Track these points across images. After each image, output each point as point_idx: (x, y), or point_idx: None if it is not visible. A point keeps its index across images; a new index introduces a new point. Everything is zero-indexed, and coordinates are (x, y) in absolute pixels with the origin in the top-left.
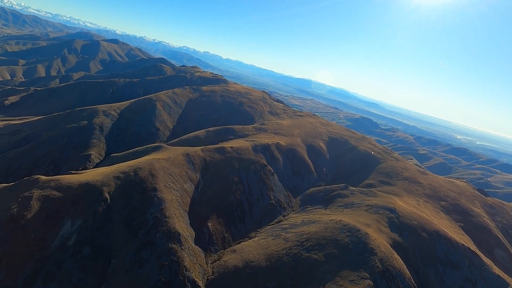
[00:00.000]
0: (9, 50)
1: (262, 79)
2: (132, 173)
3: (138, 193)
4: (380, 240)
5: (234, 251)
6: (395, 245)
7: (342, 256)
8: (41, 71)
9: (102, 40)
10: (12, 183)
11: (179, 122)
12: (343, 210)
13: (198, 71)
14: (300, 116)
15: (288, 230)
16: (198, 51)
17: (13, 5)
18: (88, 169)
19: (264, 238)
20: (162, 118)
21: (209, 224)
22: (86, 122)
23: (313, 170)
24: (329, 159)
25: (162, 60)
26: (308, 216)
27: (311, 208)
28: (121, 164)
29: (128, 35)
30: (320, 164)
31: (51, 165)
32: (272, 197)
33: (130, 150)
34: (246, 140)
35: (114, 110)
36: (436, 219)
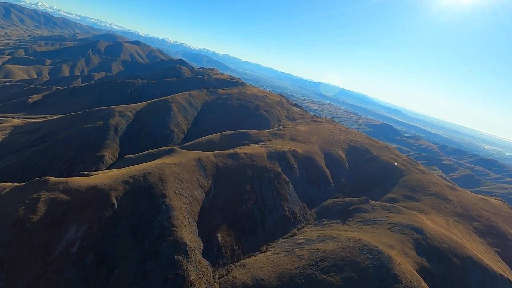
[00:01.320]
0: (38, 50)
1: (280, 82)
2: (141, 178)
3: (146, 199)
4: (405, 265)
5: (244, 266)
6: (422, 272)
7: (362, 282)
8: (66, 70)
9: (125, 42)
10: (23, 183)
11: (194, 125)
12: (363, 227)
13: (216, 73)
14: (318, 121)
15: (302, 246)
16: (217, 54)
17: (46, 8)
18: (101, 170)
19: (276, 254)
20: (177, 120)
21: (218, 235)
22: (102, 122)
23: (331, 180)
24: (348, 169)
25: (181, 62)
26: (324, 232)
27: (328, 222)
28: (131, 168)
29: (150, 37)
30: (339, 174)
31: (65, 165)
32: (286, 208)
33: (143, 152)
34: (261, 146)
35: (130, 111)
36: (469, 243)
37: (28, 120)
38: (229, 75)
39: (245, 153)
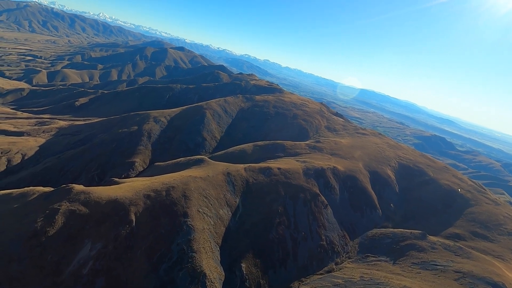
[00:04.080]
0: (93, 56)
1: (321, 89)
2: (164, 193)
3: (166, 217)
4: None
5: None
6: None
7: None
8: (114, 75)
9: (170, 48)
10: (50, 190)
11: (227, 133)
12: (420, 272)
13: (254, 79)
14: (363, 134)
15: None
16: (258, 59)
17: (106, 18)
18: (130, 177)
19: None
20: (210, 127)
21: (243, 264)
22: (136, 127)
23: (377, 205)
24: (399, 193)
25: (221, 67)
26: (369, 271)
27: (374, 258)
28: (155, 179)
29: (196, 43)
30: (387, 198)
31: (98, 169)
32: (323, 237)
33: (172, 161)
34: (297, 160)
35: (165, 116)
36: None
37: (73, 122)
38: (267, 81)
39: (279, 169)
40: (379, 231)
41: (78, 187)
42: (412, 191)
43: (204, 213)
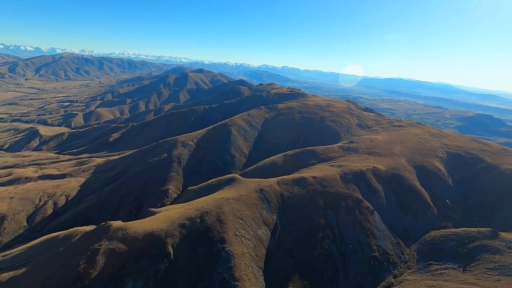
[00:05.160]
0: (121, 92)
1: (344, 85)
2: (198, 219)
3: (203, 245)
4: None
5: None
6: None
7: None
8: (142, 106)
9: (190, 72)
10: (90, 230)
11: (255, 146)
12: (500, 280)
13: (275, 88)
14: (399, 126)
15: None
16: (276, 67)
17: (130, 55)
18: (165, 205)
19: None
20: (237, 143)
21: None
22: (166, 154)
23: (431, 203)
24: (453, 186)
25: (241, 82)
26: (436, 283)
27: (438, 266)
28: (188, 206)
29: (214, 63)
30: (440, 194)
31: (134, 202)
32: (374, 247)
33: (204, 183)
34: (331, 165)
35: (192, 139)
36: None
37: (108, 158)
38: (288, 88)
39: (314, 177)
40: (439, 233)
41: (116, 224)
42: (469, 183)
43: (241, 236)
